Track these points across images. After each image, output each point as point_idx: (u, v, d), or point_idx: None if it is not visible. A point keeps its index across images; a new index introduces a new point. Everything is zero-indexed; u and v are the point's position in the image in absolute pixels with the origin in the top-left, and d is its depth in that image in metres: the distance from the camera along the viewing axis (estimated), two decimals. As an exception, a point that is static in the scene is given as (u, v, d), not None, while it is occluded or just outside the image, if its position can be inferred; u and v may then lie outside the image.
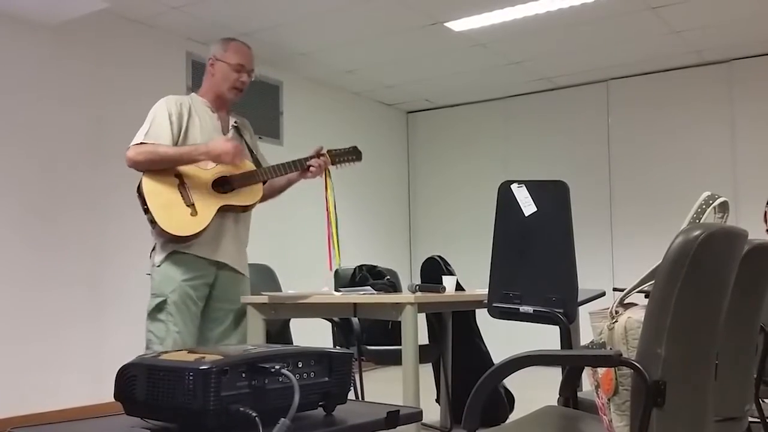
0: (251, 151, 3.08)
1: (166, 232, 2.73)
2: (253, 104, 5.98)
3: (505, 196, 2.26)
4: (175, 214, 2.75)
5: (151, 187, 2.76)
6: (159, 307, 2.77)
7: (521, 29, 5.44)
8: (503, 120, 7.40)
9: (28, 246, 4.42)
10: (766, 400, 2.28)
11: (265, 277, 3.81)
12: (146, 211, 2.75)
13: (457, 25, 5.35)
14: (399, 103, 7.70)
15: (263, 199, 3.04)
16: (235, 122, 3.07)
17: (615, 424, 1.38)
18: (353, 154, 3.07)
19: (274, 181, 3.04)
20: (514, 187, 2.25)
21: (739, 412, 1.74)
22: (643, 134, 6.63)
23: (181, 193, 2.79)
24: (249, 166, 2.95)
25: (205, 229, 2.78)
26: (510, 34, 5.57)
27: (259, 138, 5.96)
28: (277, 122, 6.27)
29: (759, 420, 2.11)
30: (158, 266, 2.81)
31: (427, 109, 7.86)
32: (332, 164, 3.02)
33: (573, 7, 5.02)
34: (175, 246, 2.79)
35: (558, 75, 6.71)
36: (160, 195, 2.75)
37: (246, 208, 2.96)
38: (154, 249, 2.86)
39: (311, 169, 2.95)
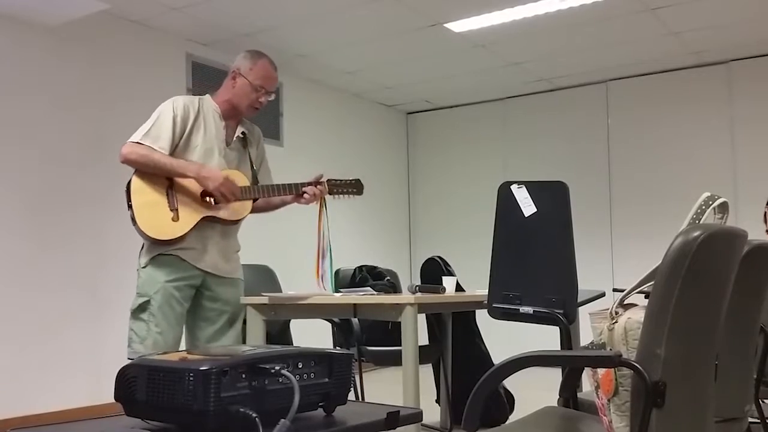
0: (252, 165, 3.03)
1: (143, 232, 2.74)
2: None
3: (505, 196, 2.26)
4: (156, 215, 2.74)
5: (138, 185, 2.75)
6: (142, 307, 2.77)
7: (521, 30, 5.44)
8: (503, 121, 7.40)
9: (27, 247, 4.42)
10: (766, 401, 2.28)
11: (265, 278, 3.81)
12: (129, 207, 2.74)
13: (457, 26, 5.36)
14: (399, 104, 7.70)
15: (257, 211, 3.00)
16: (243, 132, 3.00)
17: (615, 424, 1.38)
18: (354, 187, 3.02)
19: (269, 198, 3.00)
20: (514, 187, 2.25)
21: (739, 412, 1.74)
22: (642, 135, 6.63)
23: (167, 196, 2.77)
24: (244, 181, 2.91)
25: (183, 237, 2.76)
26: (509, 36, 5.57)
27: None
28: (277, 123, 6.27)
29: (759, 420, 2.11)
30: (143, 267, 2.81)
31: (427, 110, 7.87)
32: (330, 194, 2.96)
33: (572, 8, 5.03)
34: (161, 249, 2.78)
35: (557, 76, 6.71)
36: (146, 194, 2.75)
37: (233, 222, 2.92)
38: (143, 248, 2.85)
39: (305, 195, 2.91)
